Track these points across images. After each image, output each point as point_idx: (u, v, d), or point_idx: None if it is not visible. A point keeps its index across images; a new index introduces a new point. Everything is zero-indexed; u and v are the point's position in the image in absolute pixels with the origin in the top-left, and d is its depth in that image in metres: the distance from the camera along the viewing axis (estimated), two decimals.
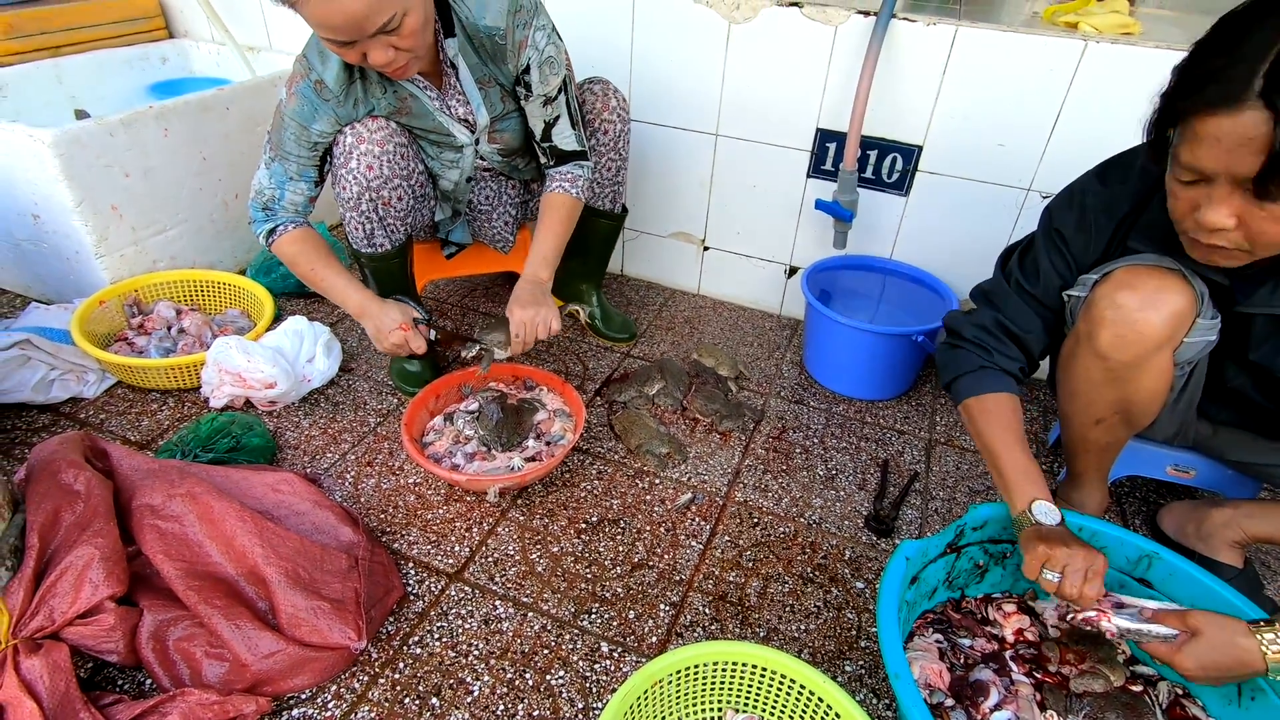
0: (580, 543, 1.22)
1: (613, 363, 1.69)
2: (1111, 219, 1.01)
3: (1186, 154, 0.76)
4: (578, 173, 1.42)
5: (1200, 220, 0.79)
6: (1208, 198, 0.77)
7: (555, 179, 1.41)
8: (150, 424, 1.41)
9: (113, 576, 0.94)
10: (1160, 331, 0.93)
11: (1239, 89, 0.69)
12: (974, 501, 1.36)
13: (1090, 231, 1.03)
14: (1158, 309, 0.92)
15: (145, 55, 2.12)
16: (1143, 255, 0.96)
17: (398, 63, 1.10)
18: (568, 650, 1.04)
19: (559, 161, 1.41)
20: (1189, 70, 0.76)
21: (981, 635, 1.05)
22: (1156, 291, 0.92)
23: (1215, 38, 0.75)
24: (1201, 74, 0.73)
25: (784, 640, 1.08)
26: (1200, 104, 0.73)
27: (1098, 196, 1.02)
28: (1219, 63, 0.72)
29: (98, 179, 1.53)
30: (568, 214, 1.40)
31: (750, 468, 1.40)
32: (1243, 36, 0.71)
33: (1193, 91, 0.74)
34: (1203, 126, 0.73)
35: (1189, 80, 0.75)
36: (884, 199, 1.65)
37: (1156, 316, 0.92)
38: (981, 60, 1.43)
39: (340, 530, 1.13)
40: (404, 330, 1.33)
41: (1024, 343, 1.09)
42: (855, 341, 1.52)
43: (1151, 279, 0.93)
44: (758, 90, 1.63)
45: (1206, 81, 0.72)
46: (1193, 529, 1.20)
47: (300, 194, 1.30)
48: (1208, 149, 0.74)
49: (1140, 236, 0.98)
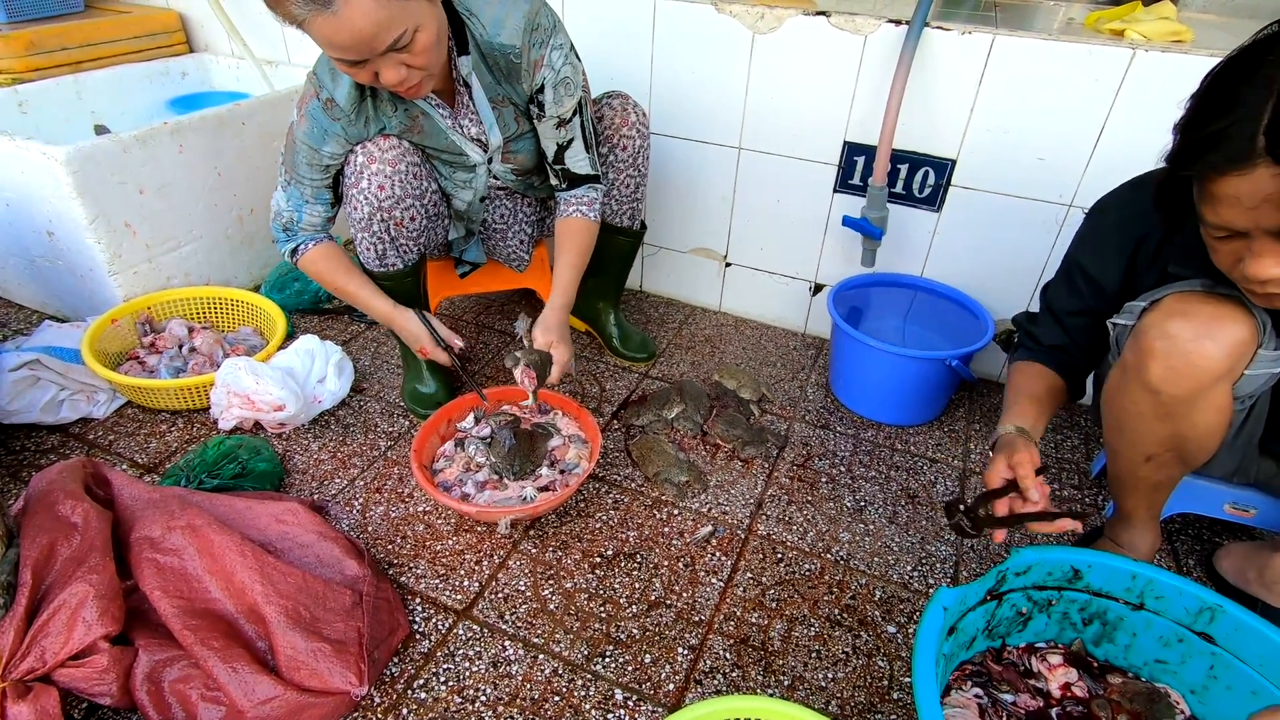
0: (594, 578, 1.16)
1: (630, 384, 1.63)
2: (1131, 234, 0.97)
3: (1210, 214, 0.74)
4: (593, 195, 1.38)
5: (1246, 274, 0.75)
6: (1249, 250, 0.74)
7: (571, 203, 1.37)
8: (159, 445, 1.38)
9: (107, 615, 0.90)
10: (1217, 364, 0.85)
11: (1244, 150, 0.67)
12: (1012, 537, 1.28)
13: (1110, 251, 0.98)
14: (1214, 339, 0.85)
15: (166, 70, 2.12)
16: (1192, 281, 0.89)
17: (410, 81, 1.07)
18: (579, 698, 0.99)
19: (571, 185, 1.36)
20: (1190, 133, 0.73)
21: (1025, 690, 0.98)
22: (1212, 320, 0.85)
23: (1208, 97, 0.72)
24: (1204, 138, 0.71)
25: (810, 690, 1.02)
26: (1209, 168, 0.70)
27: (1117, 212, 0.99)
28: (1219, 125, 0.69)
29: (112, 195, 1.51)
30: (587, 240, 1.38)
31: (774, 498, 1.34)
32: (1235, 95, 0.69)
33: (1198, 156, 0.71)
34: (1218, 189, 0.71)
35: (1192, 144, 0.72)
36: (915, 215, 1.58)
37: (1213, 348, 0.85)
38: (1020, 70, 1.35)
39: (345, 564, 1.09)
40: (424, 354, 1.37)
41: (1037, 337, 1.13)
42: (885, 365, 1.44)
43: (1206, 306, 0.85)
44: (783, 102, 1.57)
45: (1209, 146, 0.70)
46: (1254, 574, 1.11)
47: (318, 215, 1.28)
48: (1229, 208, 0.71)
49: (1182, 260, 0.91)
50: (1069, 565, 0.99)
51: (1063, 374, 1.12)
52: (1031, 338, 1.14)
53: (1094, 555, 0.98)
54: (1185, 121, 0.74)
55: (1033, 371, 1.12)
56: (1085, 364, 1.12)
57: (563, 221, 1.38)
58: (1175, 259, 0.92)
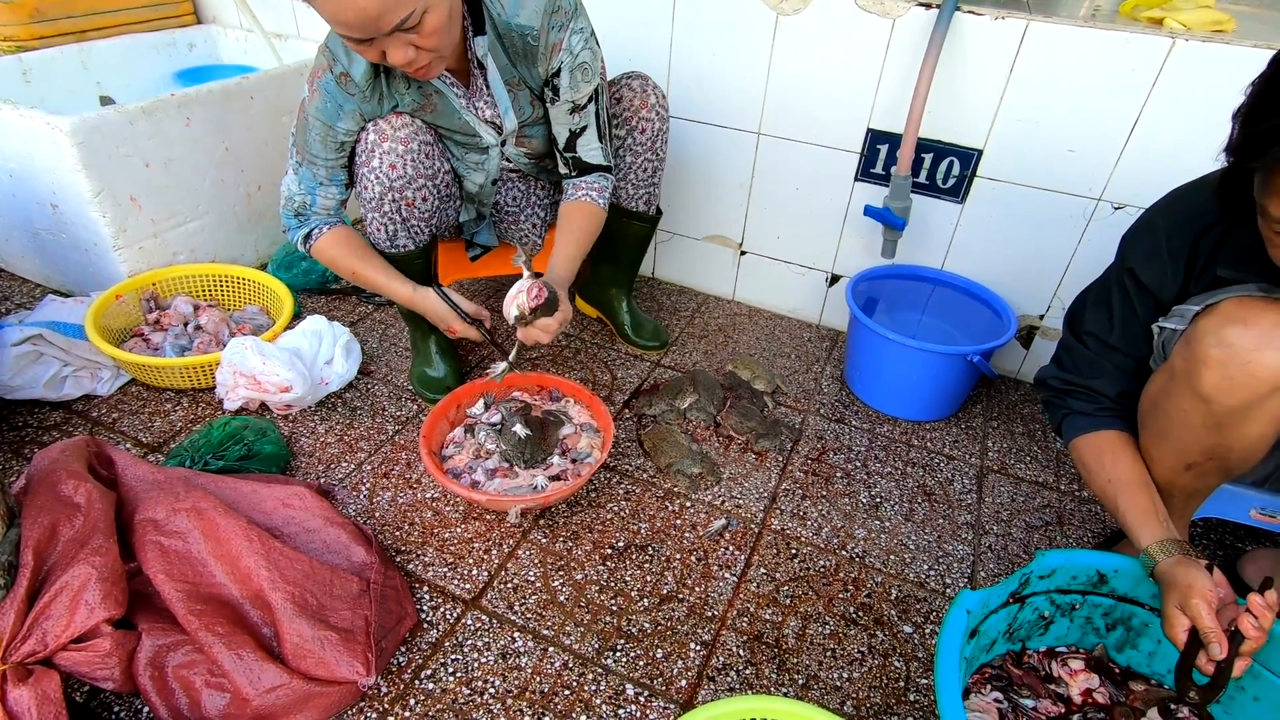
0: (605, 570, 1.14)
1: (642, 372, 1.60)
2: (1187, 237, 0.91)
3: (1276, 208, 0.70)
4: (604, 184, 1.33)
5: None
6: None
7: (580, 187, 1.32)
8: (163, 424, 1.36)
9: (110, 598, 0.88)
10: (1277, 374, 0.82)
11: None
12: (1031, 538, 1.26)
13: (1164, 258, 0.92)
14: (1275, 349, 0.81)
15: (173, 41, 2.07)
16: (1248, 285, 0.85)
17: (419, 62, 1.03)
18: (590, 692, 0.97)
19: (581, 174, 1.32)
20: (1256, 123, 0.70)
21: (1045, 695, 0.95)
22: (1274, 328, 0.81)
23: (1273, 85, 0.69)
24: (1273, 128, 0.67)
25: (825, 689, 1.00)
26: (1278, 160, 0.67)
27: (1168, 217, 0.93)
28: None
29: (117, 169, 1.48)
30: (595, 224, 1.33)
31: (788, 492, 1.31)
32: None
33: (1268, 146, 0.68)
34: None
35: (1260, 135, 0.69)
36: (938, 206, 1.54)
37: (1273, 358, 0.81)
38: (1053, 58, 1.31)
39: (352, 550, 1.07)
40: (454, 333, 1.33)
41: (1094, 389, 1.01)
42: (903, 358, 1.41)
43: (1268, 314, 0.81)
44: (805, 87, 1.53)
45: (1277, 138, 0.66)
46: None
47: (332, 198, 1.25)
48: None
49: (1232, 263, 0.87)
50: (1094, 570, 0.96)
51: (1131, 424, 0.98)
52: (1087, 393, 1.00)
53: (1120, 560, 0.96)
54: (1249, 110, 0.71)
55: (1115, 446, 0.97)
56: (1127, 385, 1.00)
57: (570, 204, 1.32)
58: (1225, 262, 0.88)
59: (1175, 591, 0.83)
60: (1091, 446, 0.99)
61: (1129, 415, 1.00)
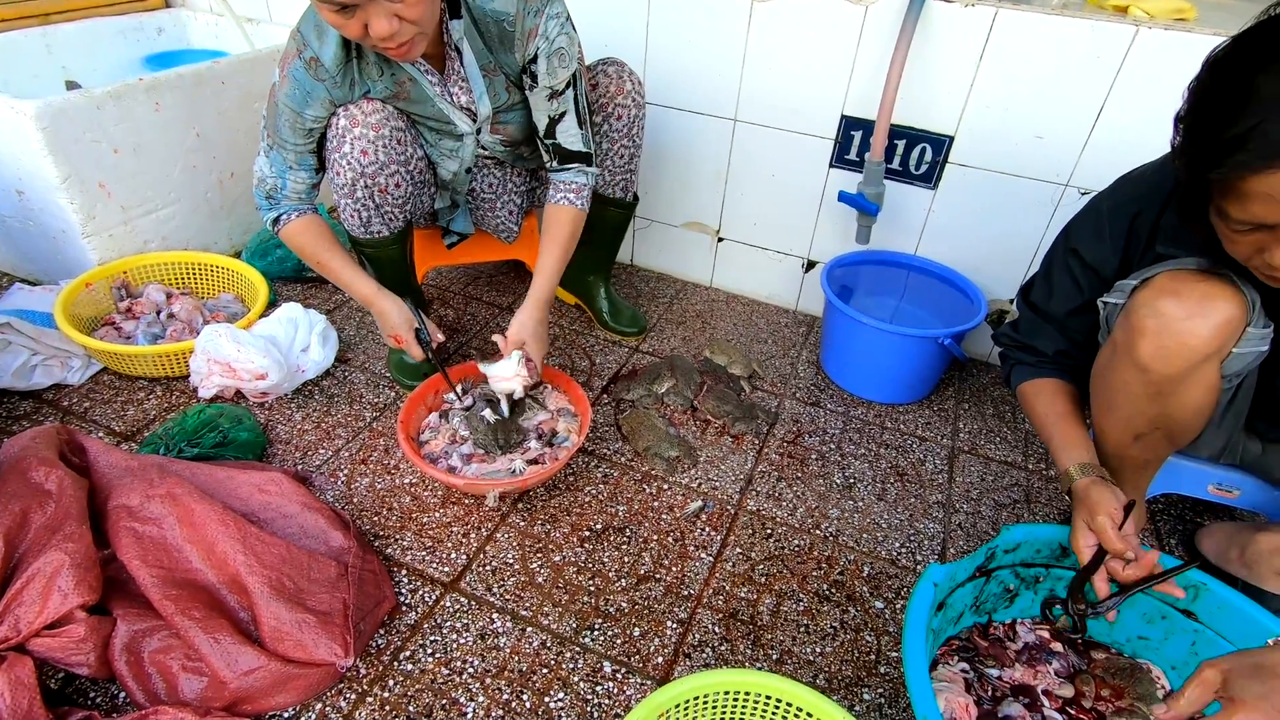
0: (583, 552, 1.15)
1: (620, 358, 1.61)
2: (1126, 218, 0.95)
3: (1237, 210, 0.71)
4: (581, 180, 1.32)
5: (1273, 263, 0.74)
6: (1276, 241, 0.72)
7: (559, 189, 1.32)
8: (136, 413, 1.35)
9: (84, 584, 0.88)
10: (1207, 342, 0.85)
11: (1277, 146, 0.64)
12: (1000, 515, 1.29)
13: (1105, 238, 0.97)
14: (1205, 317, 0.84)
15: (140, 26, 2.03)
16: (1183, 260, 0.89)
17: (402, 35, 1.01)
18: (568, 670, 0.98)
19: (562, 161, 1.31)
20: (1208, 132, 0.70)
21: (1009, 664, 0.99)
22: (1203, 299, 0.84)
23: (1219, 90, 0.69)
24: (1231, 139, 0.67)
25: (798, 664, 1.02)
26: (1240, 168, 0.67)
27: (1112, 199, 0.97)
28: (1245, 122, 0.66)
29: (84, 154, 1.46)
30: (572, 230, 1.33)
31: (764, 474, 1.33)
32: (1252, 87, 0.66)
33: (1226, 156, 0.68)
34: (1250, 186, 0.68)
35: (1216, 145, 0.69)
36: (910, 192, 1.56)
37: (1203, 326, 0.84)
38: (1022, 45, 1.33)
39: (330, 535, 1.07)
40: (398, 343, 1.31)
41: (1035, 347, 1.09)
42: (876, 342, 1.44)
43: (1198, 285, 0.85)
44: (780, 74, 1.54)
45: (1239, 145, 0.67)
46: (1236, 554, 1.13)
47: (302, 182, 1.24)
48: (1261, 204, 0.69)
49: (1170, 241, 0.90)
50: (1057, 543, 0.99)
51: (1076, 381, 1.07)
52: (1030, 350, 1.09)
53: None
54: (1195, 117, 0.71)
55: (1051, 389, 1.06)
56: (1086, 360, 1.06)
57: (550, 208, 1.33)
58: (1163, 240, 0.91)
59: (1085, 508, 0.91)
60: (1031, 389, 1.09)
61: (1066, 370, 1.08)
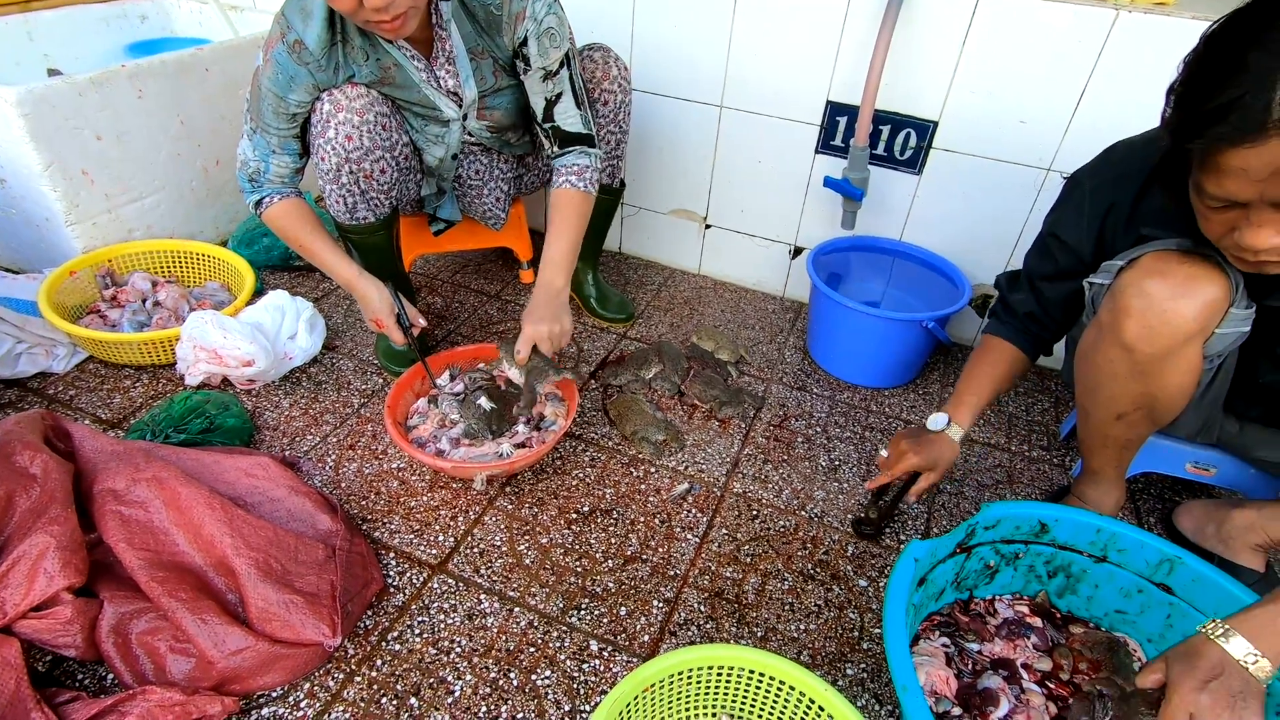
0: (570, 534, 1.16)
1: (609, 344, 1.62)
2: (1104, 200, 0.97)
3: (1212, 185, 0.72)
4: (584, 163, 1.30)
5: (1241, 243, 0.75)
6: (1246, 221, 0.73)
7: (562, 172, 1.30)
8: (123, 401, 1.35)
9: (70, 566, 0.89)
10: (1191, 323, 0.87)
11: (1258, 120, 0.64)
12: (983, 495, 1.30)
13: (1084, 219, 0.99)
14: (1189, 298, 0.86)
15: (123, 13, 2.02)
16: (1169, 240, 0.90)
17: (398, 8, 0.99)
18: (555, 649, 0.99)
19: (563, 145, 1.29)
20: (1193, 103, 0.70)
21: (989, 639, 1.00)
22: (1188, 280, 0.86)
23: (1210, 62, 0.69)
24: (1213, 109, 0.67)
25: (783, 640, 1.03)
26: (1218, 140, 0.68)
27: (1093, 178, 0.99)
28: (1228, 94, 0.66)
29: (67, 142, 1.45)
30: (580, 212, 1.30)
31: (750, 457, 1.34)
32: (1241, 61, 0.66)
33: (1206, 127, 0.68)
34: (1226, 160, 0.68)
35: (1198, 115, 0.69)
36: (895, 177, 1.57)
37: (1188, 306, 0.86)
38: (1004, 30, 1.34)
39: (317, 518, 1.07)
40: (379, 326, 1.31)
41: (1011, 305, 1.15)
42: (862, 327, 1.45)
43: (1183, 266, 0.86)
44: (766, 59, 1.54)
45: (1219, 117, 0.67)
46: (1213, 530, 1.15)
47: (285, 166, 1.23)
48: (1235, 180, 0.69)
49: (1155, 223, 0.92)
50: (1036, 520, 1.01)
51: (1029, 344, 1.15)
52: (1006, 306, 1.16)
53: (1061, 510, 1.00)
54: (1185, 88, 0.72)
55: (999, 350, 1.16)
56: (1053, 332, 1.14)
57: (554, 193, 1.31)
58: (1148, 222, 0.92)
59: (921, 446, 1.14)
60: (987, 341, 1.18)
61: (1028, 336, 1.15)
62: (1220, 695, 0.74)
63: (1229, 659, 0.75)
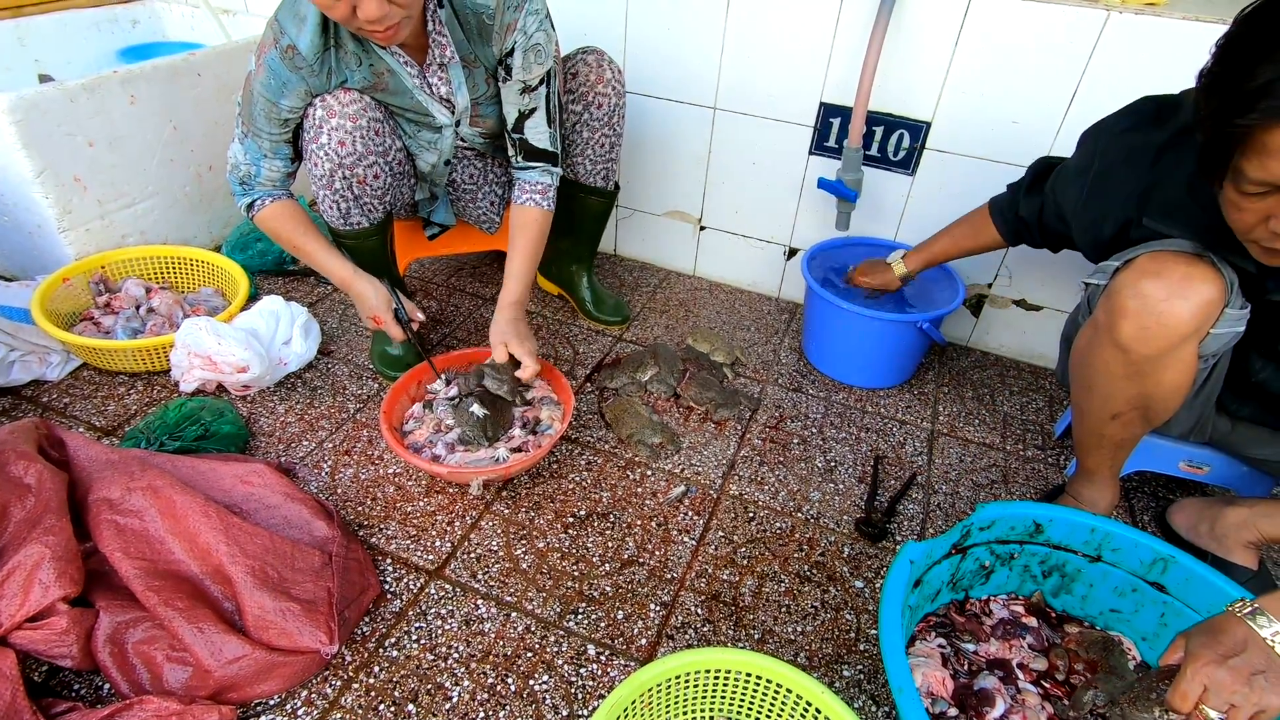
0: (567, 538, 1.16)
1: (604, 347, 1.62)
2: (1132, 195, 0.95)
3: (1256, 169, 0.70)
4: (546, 181, 1.34)
5: (1277, 230, 0.73)
6: (1265, 213, 0.73)
7: (524, 189, 1.33)
8: (117, 408, 1.34)
9: (65, 576, 0.88)
10: (1187, 323, 0.87)
11: None
12: (978, 495, 1.31)
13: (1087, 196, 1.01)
14: (1186, 299, 0.86)
15: (114, 18, 2.01)
16: (1166, 240, 0.90)
17: (390, 19, 1.00)
18: (552, 653, 0.99)
19: (527, 157, 1.32)
20: (1236, 81, 0.69)
21: (985, 639, 1.01)
22: (1184, 280, 0.86)
23: (1252, 40, 0.68)
24: (1262, 85, 0.66)
25: (779, 643, 1.04)
26: (1270, 114, 0.66)
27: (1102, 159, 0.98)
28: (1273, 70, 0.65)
29: (59, 148, 1.44)
30: (540, 231, 1.35)
31: (746, 459, 1.35)
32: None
33: (1255, 102, 0.67)
34: (1273, 139, 0.67)
35: (1243, 94, 0.68)
36: (889, 178, 1.58)
37: (1184, 307, 0.86)
38: (996, 30, 1.34)
39: (314, 524, 1.07)
40: (377, 323, 1.32)
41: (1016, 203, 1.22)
42: (856, 327, 1.45)
43: (1179, 266, 0.87)
44: (759, 61, 1.55)
45: (1265, 94, 0.65)
46: (1206, 528, 1.16)
47: (277, 171, 1.23)
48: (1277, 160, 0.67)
49: (1158, 215, 0.92)
50: (1031, 520, 1.01)
51: (1011, 237, 1.26)
52: (1012, 204, 1.23)
53: (1055, 510, 1.01)
54: (1223, 68, 0.71)
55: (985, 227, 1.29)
56: (1036, 239, 1.23)
57: (516, 210, 1.35)
58: (1153, 213, 0.92)
59: None
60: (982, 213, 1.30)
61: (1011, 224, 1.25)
62: (1240, 671, 0.72)
63: (1254, 636, 0.73)
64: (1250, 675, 0.71)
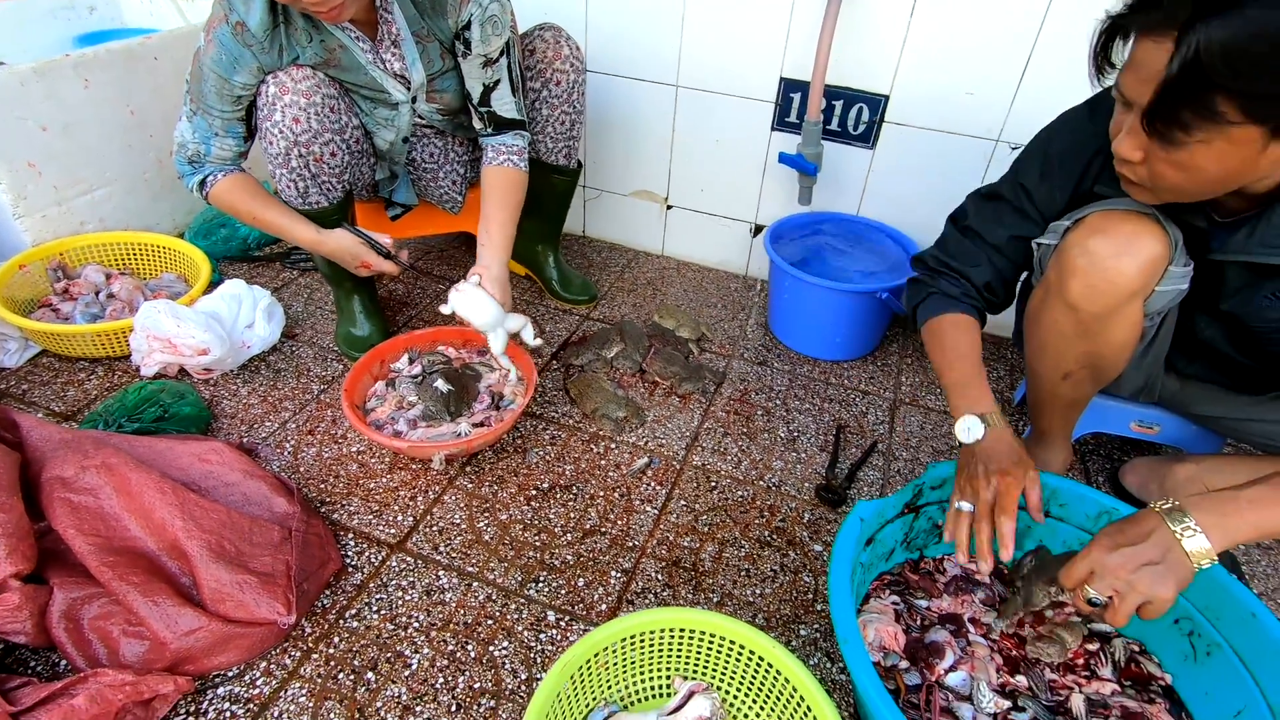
0: (530, 510, 1.17)
1: (571, 326, 1.63)
2: (1079, 163, 0.96)
3: (1120, 76, 0.74)
4: (521, 144, 1.34)
5: (1114, 148, 0.77)
6: (1121, 126, 0.76)
7: (498, 151, 1.32)
8: (77, 394, 1.33)
9: (16, 553, 0.88)
10: (1133, 280, 0.89)
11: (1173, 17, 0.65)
12: (936, 460, 1.33)
13: (1055, 178, 0.98)
14: (1132, 255, 0.88)
15: (71, 4, 1.98)
16: (1114, 200, 0.92)
17: None
18: (512, 620, 1.00)
19: (496, 129, 1.32)
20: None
21: (938, 595, 1.03)
22: (1131, 237, 0.88)
23: None
24: None
25: (738, 605, 1.05)
26: (1139, 25, 0.69)
27: (1057, 141, 0.98)
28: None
29: (10, 133, 1.42)
30: (516, 190, 1.33)
31: (710, 431, 1.36)
32: None
33: (1138, 11, 0.70)
34: (1136, 50, 0.70)
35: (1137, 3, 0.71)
36: (850, 152, 1.59)
37: (1130, 264, 0.88)
38: (950, 1, 1.36)
39: (273, 501, 1.07)
40: (367, 268, 1.31)
41: (968, 276, 1.05)
42: (819, 300, 1.47)
43: (1126, 224, 0.88)
44: (719, 38, 1.55)
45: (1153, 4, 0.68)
46: (1156, 485, 1.18)
47: (228, 149, 1.22)
48: (1131, 74, 0.71)
49: (1108, 181, 0.93)
50: None
51: (983, 319, 1.07)
52: (957, 278, 1.05)
53: None
54: None
55: (970, 327, 1.03)
56: (1005, 299, 1.09)
57: (492, 170, 1.32)
58: (1103, 180, 0.94)
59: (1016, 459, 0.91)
60: (947, 323, 1.03)
61: (982, 311, 1.07)
62: (1130, 559, 0.72)
63: (1162, 529, 0.73)
64: (1141, 565, 0.72)
